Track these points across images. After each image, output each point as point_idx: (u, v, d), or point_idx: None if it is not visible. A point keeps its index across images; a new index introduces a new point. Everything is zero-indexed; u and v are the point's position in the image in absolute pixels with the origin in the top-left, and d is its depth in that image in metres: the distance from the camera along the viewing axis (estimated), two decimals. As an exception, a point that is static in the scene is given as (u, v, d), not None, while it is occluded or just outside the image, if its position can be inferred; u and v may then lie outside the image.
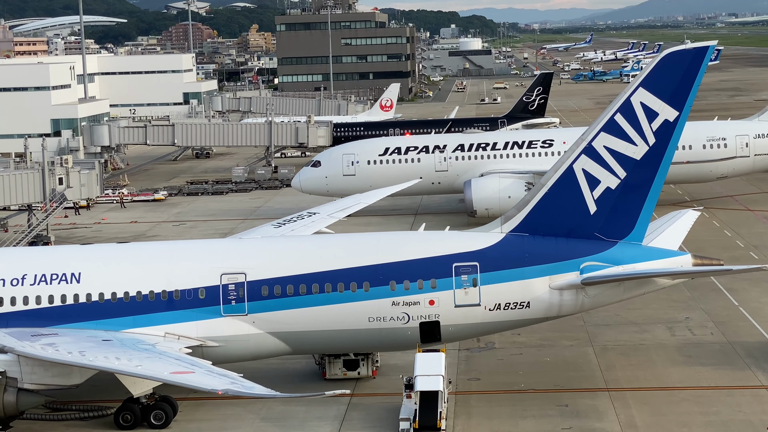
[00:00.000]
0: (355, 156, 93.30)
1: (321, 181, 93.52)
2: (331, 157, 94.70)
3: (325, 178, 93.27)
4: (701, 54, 44.17)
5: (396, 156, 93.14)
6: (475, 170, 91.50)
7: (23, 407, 41.21)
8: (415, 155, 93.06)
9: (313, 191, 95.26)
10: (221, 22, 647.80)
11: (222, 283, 45.28)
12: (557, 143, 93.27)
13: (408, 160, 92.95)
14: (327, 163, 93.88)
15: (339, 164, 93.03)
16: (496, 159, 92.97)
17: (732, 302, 60.23)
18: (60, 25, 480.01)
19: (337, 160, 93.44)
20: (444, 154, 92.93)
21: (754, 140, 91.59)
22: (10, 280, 45.48)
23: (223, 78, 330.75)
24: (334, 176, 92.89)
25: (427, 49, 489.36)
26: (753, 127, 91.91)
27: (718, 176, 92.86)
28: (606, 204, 45.07)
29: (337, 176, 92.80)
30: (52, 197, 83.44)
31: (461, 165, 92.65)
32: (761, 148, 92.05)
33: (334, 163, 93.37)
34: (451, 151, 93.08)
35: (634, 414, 43.27)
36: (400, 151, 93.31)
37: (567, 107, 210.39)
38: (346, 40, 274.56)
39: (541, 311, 45.84)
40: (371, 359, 48.08)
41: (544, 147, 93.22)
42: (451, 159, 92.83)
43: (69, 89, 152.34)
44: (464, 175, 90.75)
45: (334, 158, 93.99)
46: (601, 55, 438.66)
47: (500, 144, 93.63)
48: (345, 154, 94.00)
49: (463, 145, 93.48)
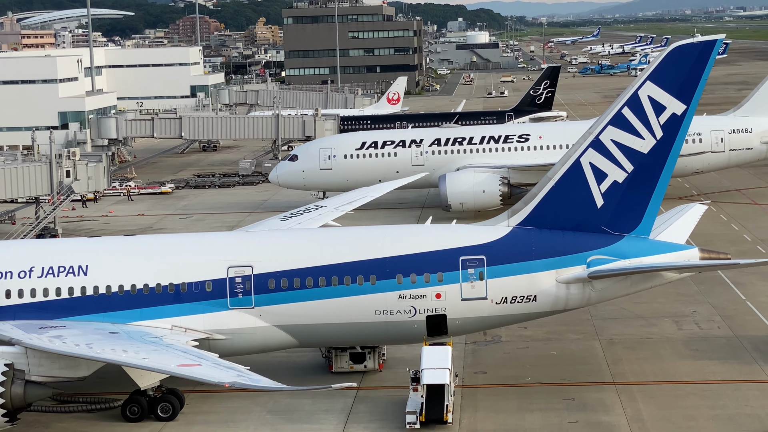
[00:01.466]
0: (332, 150, 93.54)
1: (298, 175, 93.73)
2: (309, 151, 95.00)
3: (302, 172, 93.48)
4: (709, 47, 44.09)
5: (373, 150, 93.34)
6: (451, 165, 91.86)
7: (31, 399, 41.26)
8: (391, 149, 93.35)
9: (290, 185, 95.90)
10: (228, 14, 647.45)
11: (229, 276, 45.31)
12: (533, 138, 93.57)
13: (385, 154, 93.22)
14: (304, 158, 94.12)
15: (316, 158, 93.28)
16: (472, 153, 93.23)
17: (739, 296, 60.17)
18: (67, 17, 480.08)
19: (314, 155, 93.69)
20: (420, 148, 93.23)
21: (729, 135, 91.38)
22: (17, 272, 45.55)
23: (231, 71, 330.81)
24: (311, 170, 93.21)
25: (434, 43, 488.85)
26: (728, 123, 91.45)
27: (692, 171, 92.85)
28: (613, 197, 45.03)
29: (314, 170, 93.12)
30: (59, 190, 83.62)
31: (438, 159, 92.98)
32: (736, 144, 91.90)
33: (311, 158, 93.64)
34: (428, 145, 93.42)
35: (640, 408, 43.25)
36: (377, 146, 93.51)
37: (574, 101, 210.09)
38: (354, 33, 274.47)
39: (548, 305, 45.82)
40: (378, 352, 48.11)
41: (521, 142, 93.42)
42: (427, 153, 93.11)
43: (76, 82, 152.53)
44: (441, 170, 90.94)
45: (311, 152, 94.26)
46: (609, 49, 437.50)
47: (476, 139, 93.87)
48: (322, 148, 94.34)
49: (439, 140, 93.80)
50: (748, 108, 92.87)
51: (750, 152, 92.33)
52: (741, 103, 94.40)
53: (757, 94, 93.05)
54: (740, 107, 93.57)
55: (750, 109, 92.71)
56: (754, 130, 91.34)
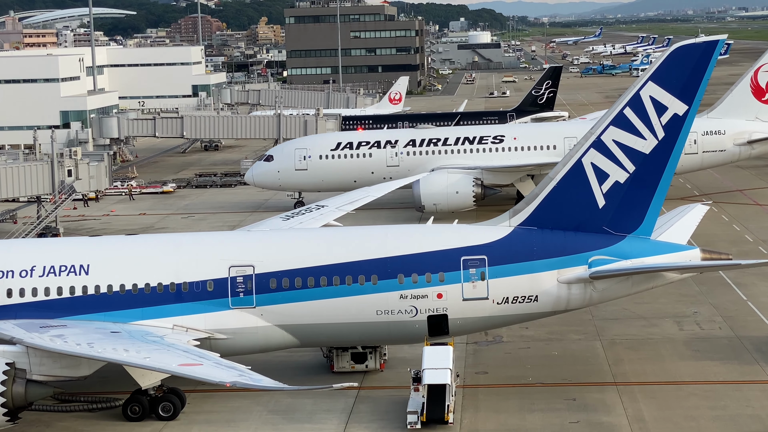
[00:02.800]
0: (307, 151, 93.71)
1: (273, 175, 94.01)
2: (284, 151, 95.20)
3: (278, 172, 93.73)
4: (711, 48, 44.07)
5: (348, 151, 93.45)
6: (425, 165, 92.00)
7: (32, 398, 41.26)
8: (366, 150, 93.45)
9: (265, 185, 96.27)
10: (230, 14, 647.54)
11: (230, 276, 45.32)
12: (508, 139, 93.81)
13: (360, 155, 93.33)
14: (279, 158, 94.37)
15: (291, 159, 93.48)
16: (447, 154, 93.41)
17: (740, 297, 60.16)
18: (69, 17, 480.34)
19: (289, 155, 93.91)
20: (395, 149, 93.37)
21: (702, 137, 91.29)
22: (19, 271, 45.57)
23: (232, 70, 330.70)
24: (287, 171, 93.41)
25: (436, 42, 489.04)
26: (701, 124, 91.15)
27: None
28: (615, 198, 45.02)
29: (290, 171, 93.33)
30: (61, 189, 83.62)
31: (412, 160, 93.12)
32: (709, 145, 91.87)
33: (286, 158, 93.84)
34: (403, 146, 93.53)
35: (641, 408, 43.25)
36: (352, 146, 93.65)
37: (576, 101, 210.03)
38: (355, 32, 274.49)
39: (549, 305, 45.82)
40: (379, 352, 48.10)
41: (495, 143, 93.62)
42: (402, 154, 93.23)
43: (78, 81, 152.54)
44: (415, 171, 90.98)
45: (287, 153, 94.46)
46: (611, 49, 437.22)
47: (451, 139, 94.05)
48: (297, 148, 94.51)
49: (414, 141, 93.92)
50: (721, 110, 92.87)
51: (723, 154, 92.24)
52: (714, 105, 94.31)
53: (731, 96, 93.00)
54: (713, 109, 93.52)
55: (723, 111, 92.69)
56: (728, 132, 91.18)
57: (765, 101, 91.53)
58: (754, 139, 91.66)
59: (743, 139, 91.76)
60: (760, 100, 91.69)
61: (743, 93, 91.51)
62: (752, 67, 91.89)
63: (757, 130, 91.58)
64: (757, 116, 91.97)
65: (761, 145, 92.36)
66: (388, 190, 71.74)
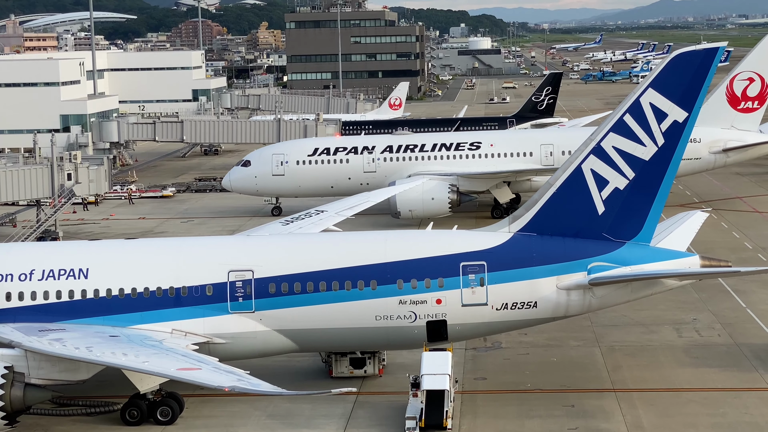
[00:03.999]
0: (284, 156, 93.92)
1: (251, 180, 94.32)
2: (261, 156, 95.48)
3: (255, 177, 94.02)
4: (711, 55, 44.11)
5: (325, 156, 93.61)
6: (402, 171, 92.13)
7: (30, 402, 41.26)
8: (344, 156, 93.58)
9: (242, 191, 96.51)
10: (231, 19, 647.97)
11: (229, 280, 45.31)
12: (485, 146, 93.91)
13: (337, 160, 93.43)
14: (256, 163, 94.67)
15: (268, 164, 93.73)
16: (424, 161, 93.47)
17: (740, 304, 60.15)
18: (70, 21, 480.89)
19: (266, 160, 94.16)
20: (372, 155, 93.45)
21: None
22: (18, 275, 45.54)
23: (233, 75, 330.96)
24: (264, 176, 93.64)
25: (436, 48, 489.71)
26: None
27: None
28: (614, 204, 45.02)
29: (267, 176, 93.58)
30: (60, 193, 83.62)
31: (389, 166, 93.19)
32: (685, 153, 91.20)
33: (263, 163, 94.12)
34: (380, 152, 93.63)
35: (640, 415, 43.22)
36: (329, 152, 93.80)
37: (576, 107, 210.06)
38: (356, 38, 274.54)
39: (549, 311, 45.80)
40: (378, 357, 48.08)
41: (472, 149, 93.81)
42: (379, 160, 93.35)
43: (78, 85, 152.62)
44: (392, 177, 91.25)
45: (264, 158, 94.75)
46: (611, 56, 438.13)
47: (428, 146, 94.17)
48: (274, 154, 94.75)
49: (391, 147, 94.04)
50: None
51: (698, 162, 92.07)
52: None
53: (706, 105, 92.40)
54: None
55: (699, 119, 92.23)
56: (703, 140, 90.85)
57: (740, 110, 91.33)
58: (729, 148, 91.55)
59: (718, 148, 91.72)
60: (736, 108, 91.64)
61: (719, 101, 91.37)
62: (728, 76, 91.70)
63: (733, 139, 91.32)
64: (733, 124, 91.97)
65: (736, 153, 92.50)
66: (388, 196, 71.77)
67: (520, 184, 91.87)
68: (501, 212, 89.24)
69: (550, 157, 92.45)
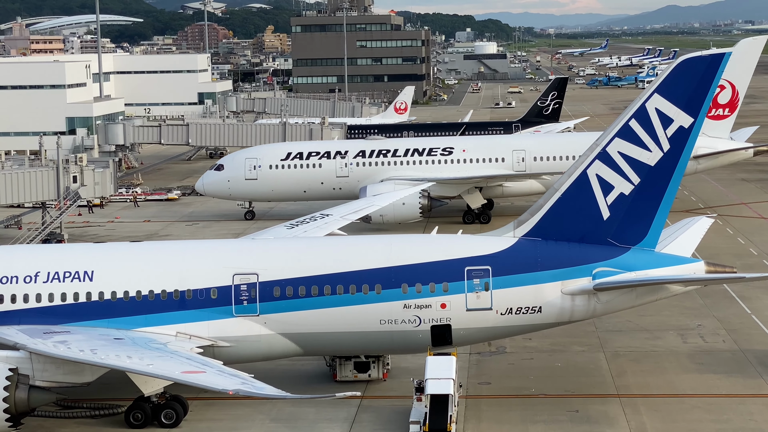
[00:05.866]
0: (257, 160, 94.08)
1: (224, 184, 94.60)
2: (234, 161, 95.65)
3: (228, 182, 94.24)
4: (717, 61, 44.09)
5: (298, 161, 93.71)
6: (375, 176, 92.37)
7: (34, 404, 41.31)
8: (316, 161, 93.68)
9: (215, 195, 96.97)
10: (237, 22, 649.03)
11: (234, 284, 45.33)
12: (457, 151, 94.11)
13: (310, 165, 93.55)
14: (230, 167, 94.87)
15: (241, 168, 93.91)
16: (396, 166, 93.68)
17: (744, 310, 60.08)
18: (76, 23, 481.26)
19: (239, 165, 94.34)
20: (345, 160, 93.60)
21: None
22: (23, 277, 45.59)
23: (238, 78, 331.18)
24: (237, 180, 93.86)
25: (442, 53, 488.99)
26: None
27: None
28: (619, 210, 45.00)
29: (239, 180, 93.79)
30: (66, 195, 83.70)
31: (362, 171, 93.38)
32: None
33: (236, 167, 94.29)
34: (353, 157, 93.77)
35: (644, 420, 43.18)
36: (302, 156, 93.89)
37: (581, 112, 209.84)
38: (362, 42, 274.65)
39: (553, 316, 45.76)
40: (382, 362, 48.06)
41: (444, 155, 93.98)
42: (352, 165, 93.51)
43: (84, 88, 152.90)
44: (365, 181, 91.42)
45: (237, 162, 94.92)
46: (617, 61, 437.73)
47: (401, 151, 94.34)
48: (248, 158, 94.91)
49: (364, 152, 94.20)
50: None
51: None
52: None
53: None
54: None
55: None
56: None
57: (711, 117, 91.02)
58: (700, 155, 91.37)
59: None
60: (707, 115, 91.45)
61: None
62: None
63: (703, 145, 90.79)
64: (703, 132, 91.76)
65: (707, 160, 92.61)
66: (392, 200, 71.70)
67: (492, 190, 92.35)
68: (472, 217, 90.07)
69: (522, 163, 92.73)
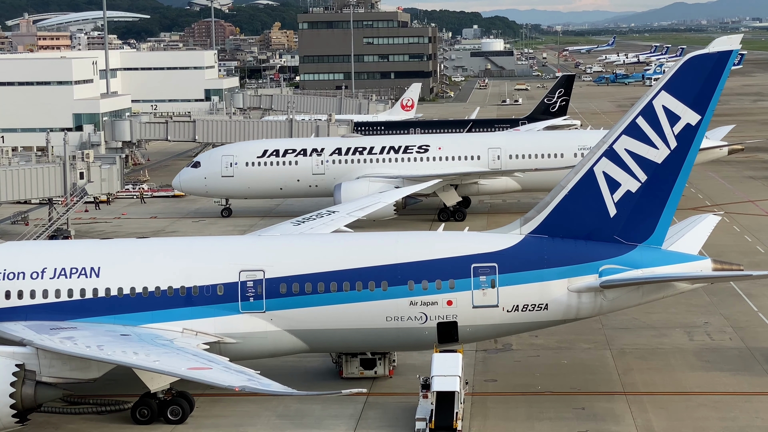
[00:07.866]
0: (233, 158, 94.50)
1: (200, 181, 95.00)
2: (211, 158, 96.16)
3: (204, 179, 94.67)
4: (724, 58, 43.99)
5: (274, 158, 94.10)
6: (351, 174, 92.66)
7: (41, 400, 41.33)
8: (293, 158, 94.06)
9: (192, 191, 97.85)
10: (244, 19, 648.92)
11: (240, 280, 45.36)
12: (432, 149, 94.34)
13: (286, 162, 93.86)
14: (206, 164, 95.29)
15: (218, 165, 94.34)
16: (372, 163, 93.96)
17: (751, 308, 59.99)
18: (83, 20, 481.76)
19: (216, 162, 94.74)
20: (321, 157, 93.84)
21: None
22: (30, 273, 45.66)
23: (245, 75, 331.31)
24: (213, 177, 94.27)
25: (449, 50, 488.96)
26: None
27: None
28: (626, 207, 44.94)
29: (216, 177, 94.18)
30: (72, 191, 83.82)
31: (338, 168, 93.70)
32: None
33: (213, 165, 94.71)
34: (329, 154, 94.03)
35: (651, 418, 43.14)
36: (279, 154, 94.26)
37: (588, 109, 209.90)
38: (368, 39, 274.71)
39: (559, 313, 45.74)
40: (388, 358, 48.06)
41: (420, 152, 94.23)
42: (328, 162, 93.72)
43: (91, 84, 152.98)
44: (341, 178, 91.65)
45: (213, 159, 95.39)
46: (624, 58, 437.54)
47: (377, 148, 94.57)
48: (224, 155, 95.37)
49: (340, 149, 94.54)
50: None
51: None
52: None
53: None
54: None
55: None
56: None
57: None
58: None
59: None
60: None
61: None
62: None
63: None
64: None
65: None
66: (399, 197, 71.60)
67: (468, 187, 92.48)
68: (447, 215, 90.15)
69: (498, 161, 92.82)
